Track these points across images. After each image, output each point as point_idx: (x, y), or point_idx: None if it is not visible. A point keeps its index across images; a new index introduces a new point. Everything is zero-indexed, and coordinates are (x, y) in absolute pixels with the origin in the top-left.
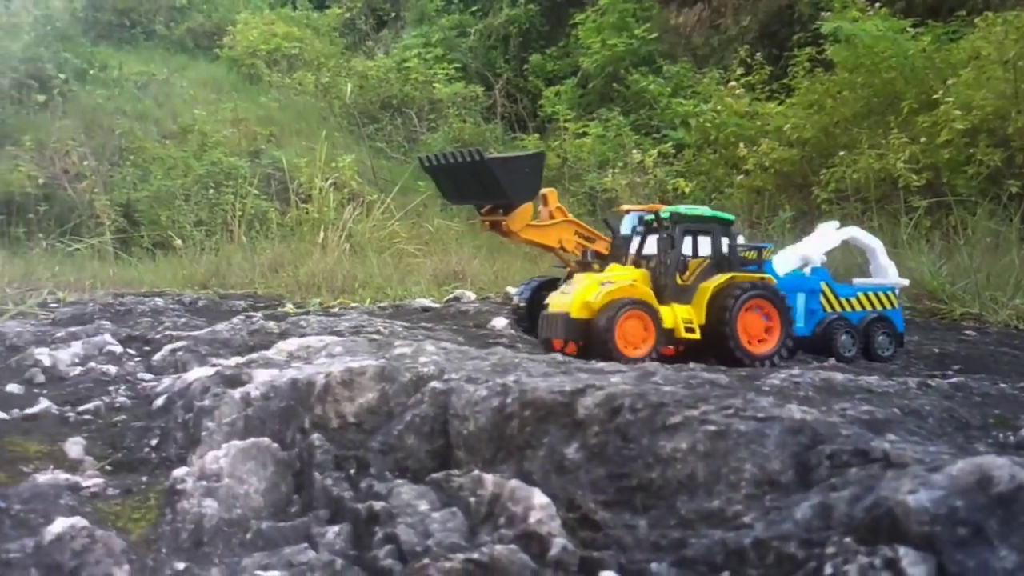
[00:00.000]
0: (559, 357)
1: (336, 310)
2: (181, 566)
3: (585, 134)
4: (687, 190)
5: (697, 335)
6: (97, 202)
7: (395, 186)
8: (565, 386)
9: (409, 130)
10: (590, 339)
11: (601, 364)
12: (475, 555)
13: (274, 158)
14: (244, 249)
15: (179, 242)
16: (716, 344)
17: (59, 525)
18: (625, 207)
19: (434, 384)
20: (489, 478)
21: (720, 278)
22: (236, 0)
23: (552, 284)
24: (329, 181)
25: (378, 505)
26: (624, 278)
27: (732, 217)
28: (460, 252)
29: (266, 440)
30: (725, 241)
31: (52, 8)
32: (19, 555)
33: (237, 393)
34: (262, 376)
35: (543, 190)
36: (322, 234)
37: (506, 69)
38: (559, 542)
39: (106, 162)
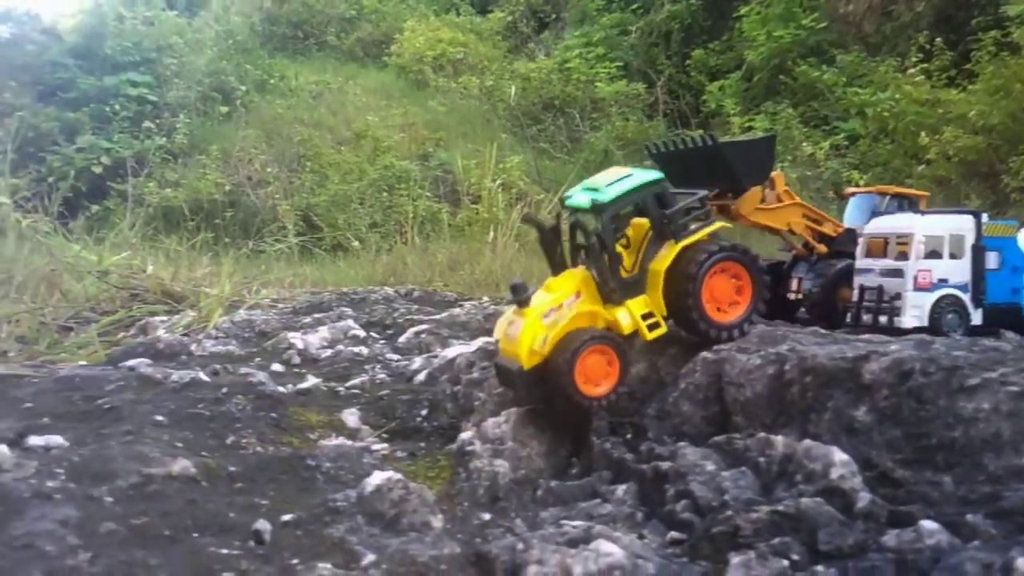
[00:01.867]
0: (821, 329)
1: None
2: (487, 516)
3: (751, 128)
4: (861, 182)
5: (663, 328)
6: (279, 207)
7: (559, 184)
8: (846, 353)
9: (571, 130)
10: (549, 388)
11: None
12: (780, 507)
13: (442, 160)
14: (417, 249)
15: (356, 243)
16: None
17: (377, 478)
18: (850, 190)
19: (705, 354)
20: (779, 439)
21: (667, 254)
22: (403, 9)
23: (776, 268)
24: (497, 182)
25: (664, 465)
26: (565, 294)
27: (657, 175)
28: None
29: (542, 408)
30: (658, 206)
31: (232, 23)
32: (344, 504)
33: None
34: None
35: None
36: (492, 233)
37: (668, 66)
38: (865, 496)
39: (286, 168)
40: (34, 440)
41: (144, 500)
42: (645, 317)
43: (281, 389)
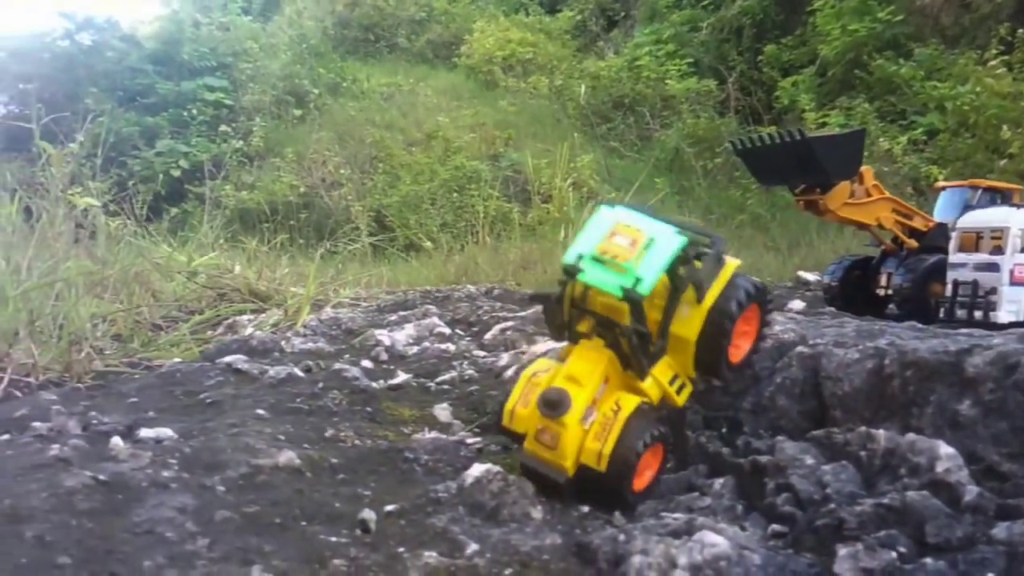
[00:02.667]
0: (918, 324)
1: None
2: (584, 509)
3: (825, 123)
4: (941, 177)
5: (690, 388)
6: (352, 208)
7: (629, 183)
8: (948, 346)
9: (642, 128)
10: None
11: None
12: (885, 501)
13: (513, 160)
14: (488, 249)
15: (428, 243)
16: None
17: (476, 470)
18: (940, 184)
19: (800, 349)
20: (880, 433)
21: (693, 317)
22: (472, 10)
23: (864, 263)
24: (568, 181)
25: (763, 459)
26: (594, 385)
27: (683, 240)
28: None
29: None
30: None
31: (305, 28)
32: (446, 495)
33: None
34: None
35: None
36: (563, 232)
37: (739, 62)
38: (972, 489)
39: (358, 170)
40: (145, 432)
41: (254, 490)
42: (672, 381)
43: (374, 384)
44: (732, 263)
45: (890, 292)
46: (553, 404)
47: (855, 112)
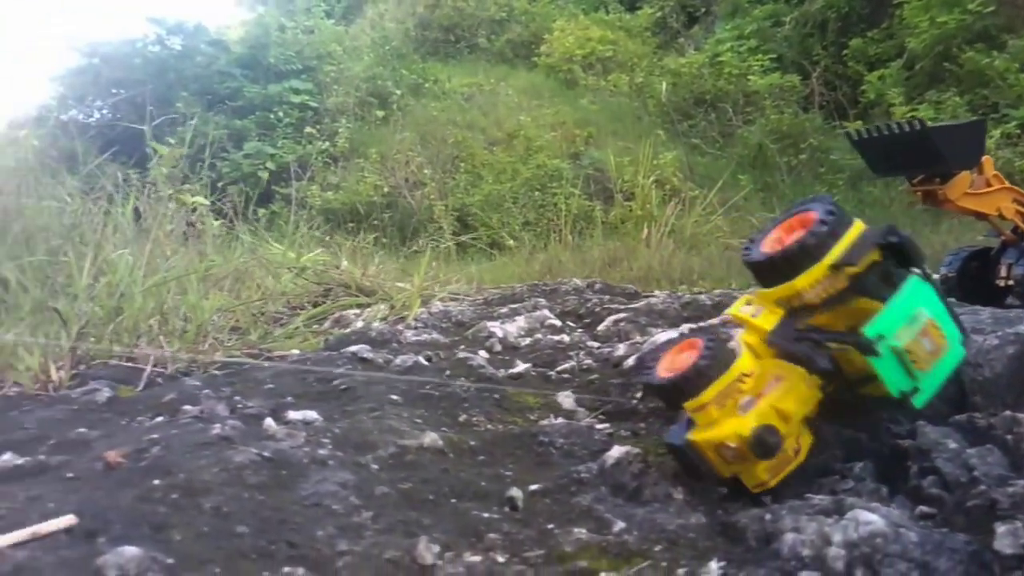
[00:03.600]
0: None
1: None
2: (724, 491)
3: (914, 118)
4: None
5: None
6: (435, 207)
7: (712, 180)
8: None
9: (724, 124)
10: None
11: None
12: None
13: (594, 159)
14: (571, 247)
15: (511, 242)
16: None
17: (616, 452)
18: None
19: None
20: None
21: None
22: (552, 9)
23: (983, 254)
24: (651, 178)
25: (904, 444)
26: (798, 418)
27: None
28: None
29: None
30: None
31: (387, 30)
32: (587, 475)
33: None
34: (735, 334)
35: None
36: (645, 231)
37: (824, 56)
38: None
39: (440, 170)
40: (292, 414)
41: (404, 468)
42: None
43: (497, 373)
44: None
45: (1011, 283)
46: (766, 449)
47: (945, 106)
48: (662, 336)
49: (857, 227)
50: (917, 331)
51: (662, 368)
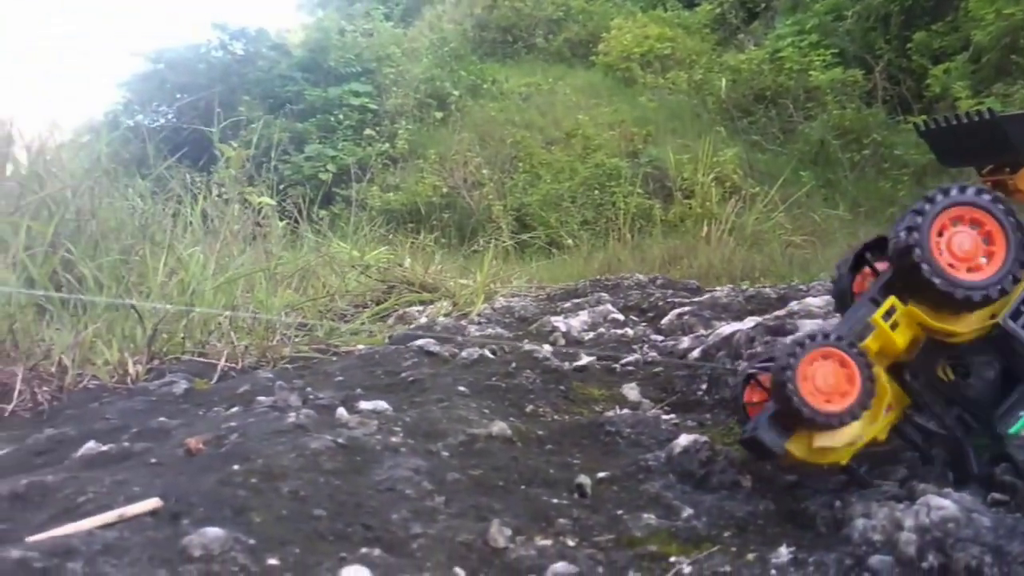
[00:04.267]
0: None
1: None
2: (793, 478)
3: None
4: None
5: None
6: (493, 207)
7: (772, 177)
8: None
9: (784, 121)
10: None
11: None
12: None
13: (652, 157)
14: (630, 246)
15: (570, 241)
16: None
17: (684, 440)
18: None
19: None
20: None
21: None
22: (609, 7)
23: None
24: (711, 176)
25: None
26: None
27: None
28: (864, 235)
29: None
30: None
31: (445, 31)
32: (655, 463)
33: (788, 340)
34: (808, 325)
35: None
36: (705, 228)
37: (887, 50)
38: None
39: (498, 170)
40: (364, 404)
41: (474, 455)
42: None
43: (563, 365)
44: None
45: None
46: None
47: (1013, 98)
48: (727, 329)
49: None
50: None
51: (809, 391)
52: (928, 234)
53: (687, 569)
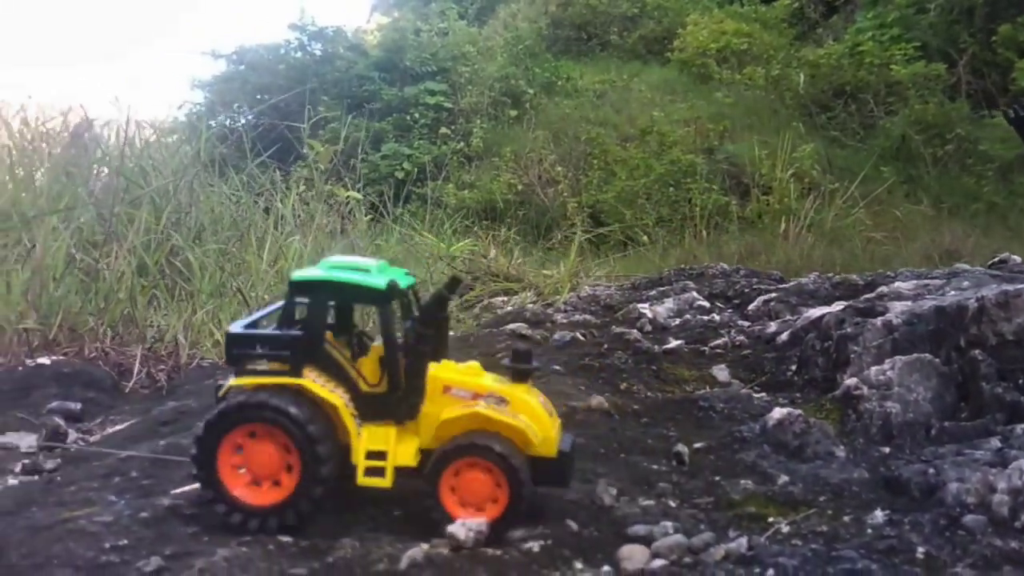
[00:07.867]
0: None
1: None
2: (886, 450)
3: None
4: None
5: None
6: (568, 204)
7: (852, 173)
8: None
9: (864, 116)
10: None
11: None
12: None
13: (729, 153)
14: (706, 242)
15: (645, 238)
16: None
17: (778, 413)
18: None
19: None
20: None
21: None
22: (685, 3)
23: None
24: (789, 172)
25: None
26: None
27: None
28: (948, 232)
29: (928, 356)
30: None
31: (520, 30)
32: (750, 435)
33: (879, 321)
34: (898, 307)
35: None
36: (783, 224)
37: (971, 43)
38: None
39: (573, 167)
40: None
41: (576, 426)
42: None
43: (654, 348)
44: None
45: None
46: None
47: None
48: (815, 312)
49: None
50: None
51: None
52: None
53: (785, 528)
